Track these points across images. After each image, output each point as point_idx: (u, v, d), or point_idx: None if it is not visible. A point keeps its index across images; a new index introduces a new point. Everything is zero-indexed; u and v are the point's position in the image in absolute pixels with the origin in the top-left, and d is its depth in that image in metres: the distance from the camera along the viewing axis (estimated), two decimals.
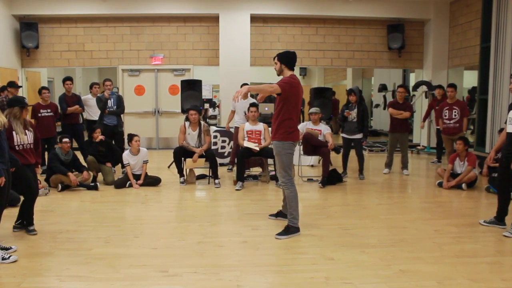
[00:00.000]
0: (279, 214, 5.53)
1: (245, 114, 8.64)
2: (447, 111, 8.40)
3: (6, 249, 4.33)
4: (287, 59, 5.11)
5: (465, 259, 4.26)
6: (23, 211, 4.99)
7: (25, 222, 5.00)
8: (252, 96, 9.51)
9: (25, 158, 4.86)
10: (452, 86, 8.56)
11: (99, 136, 7.75)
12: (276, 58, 5.12)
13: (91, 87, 9.35)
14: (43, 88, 8.67)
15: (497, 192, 5.34)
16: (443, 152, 9.74)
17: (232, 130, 9.05)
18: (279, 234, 4.88)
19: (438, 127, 9.03)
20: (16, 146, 4.79)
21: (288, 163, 4.98)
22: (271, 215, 5.62)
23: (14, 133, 4.77)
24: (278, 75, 5.11)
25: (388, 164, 8.75)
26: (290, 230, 4.91)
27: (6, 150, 4.18)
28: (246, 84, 8.83)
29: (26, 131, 4.92)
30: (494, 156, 5.63)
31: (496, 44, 9.27)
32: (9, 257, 4.11)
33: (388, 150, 8.79)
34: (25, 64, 11.85)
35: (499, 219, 5.23)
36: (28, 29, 11.37)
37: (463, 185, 7.25)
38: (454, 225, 5.34)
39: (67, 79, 8.92)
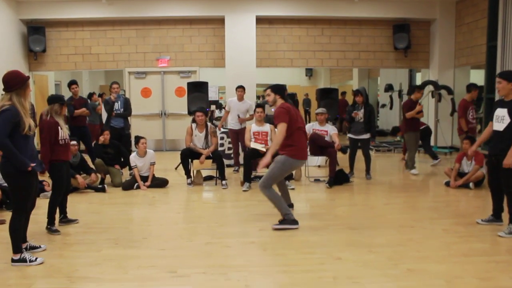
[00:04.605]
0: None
1: (239, 117, 8.65)
2: (471, 111, 8.40)
3: (35, 247, 4.45)
4: (280, 90, 5.35)
5: (474, 258, 4.25)
6: (60, 205, 5.29)
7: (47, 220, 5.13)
8: (258, 98, 9.53)
9: (66, 154, 5.10)
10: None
11: (106, 138, 7.80)
12: (269, 90, 5.35)
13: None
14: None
15: (490, 190, 5.34)
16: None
17: (223, 130, 9.34)
18: (276, 224, 5.11)
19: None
20: (60, 141, 5.00)
21: (278, 177, 5.26)
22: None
23: (59, 127, 4.98)
24: (271, 105, 5.43)
25: (413, 164, 8.73)
26: (286, 221, 5.12)
27: (36, 153, 4.24)
28: (242, 87, 8.85)
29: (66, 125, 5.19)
30: (475, 148, 5.72)
31: (503, 42, 9.23)
32: (36, 259, 4.15)
33: (414, 150, 8.75)
34: (33, 68, 11.95)
35: (496, 217, 5.28)
36: (35, 33, 11.47)
37: (471, 184, 7.22)
38: (462, 224, 5.33)
39: (73, 83, 8.94)
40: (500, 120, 4.97)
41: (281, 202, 5.22)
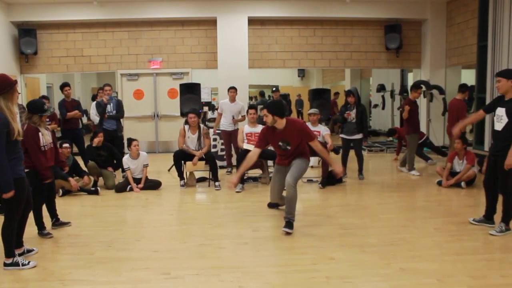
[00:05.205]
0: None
1: (233, 118, 8.69)
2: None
3: (29, 251, 4.43)
4: (278, 109, 5.02)
5: (465, 256, 4.29)
6: (49, 209, 5.30)
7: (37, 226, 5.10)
8: (251, 99, 9.53)
9: (48, 160, 4.87)
10: None
11: (101, 140, 7.77)
12: (266, 111, 5.04)
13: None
14: (43, 97, 8.65)
15: (485, 191, 5.29)
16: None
17: (219, 132, 9.26)
18: (286, 227, 5.04)
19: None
20: (42, 147, 4.79)
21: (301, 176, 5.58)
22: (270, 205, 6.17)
23: (40, 134, 4.76)
24: (272, 125, 5.13)
25: (413, 165, 8.75)
26: (292, 225, 5.09)
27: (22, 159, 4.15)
28: (234, 88, 8.87)
29: (47, 130, 4.96)
30: (460, 128, 5.58)
31: (493, 42, 9.30)
32: (28, 263, 4.13)
33: (414, 151, 8.81)
34: (24, 71, 11.88)
35: (488, 218, 5.24)
36: (26, 35, 11.39)
37: (462, 184, 7.28)
38: (454, 223, 5.37)
39: (65, 85, 8.92)
40: (499, 119, 4.95)
41: (296, 204, 5.21)
